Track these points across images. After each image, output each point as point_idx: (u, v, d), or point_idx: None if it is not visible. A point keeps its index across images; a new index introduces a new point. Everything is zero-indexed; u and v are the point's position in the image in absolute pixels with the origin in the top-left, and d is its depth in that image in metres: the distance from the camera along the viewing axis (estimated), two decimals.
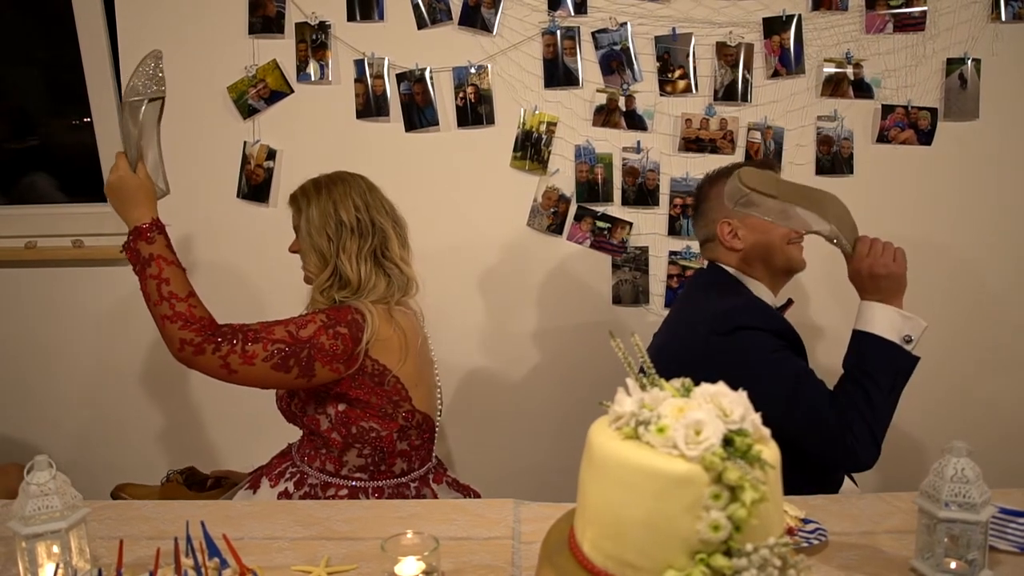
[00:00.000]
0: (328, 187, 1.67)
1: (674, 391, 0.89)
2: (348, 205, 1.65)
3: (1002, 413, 2.39)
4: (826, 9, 2.21)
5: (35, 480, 1.08)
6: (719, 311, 1.65)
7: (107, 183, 1.59)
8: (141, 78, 1.57)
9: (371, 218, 1.66)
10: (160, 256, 1.53)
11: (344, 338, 1.55)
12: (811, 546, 1.20)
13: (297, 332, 1.53)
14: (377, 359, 1.60)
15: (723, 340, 1.59)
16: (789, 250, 1.74)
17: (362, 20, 2.26)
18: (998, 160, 2.28)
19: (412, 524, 1.30)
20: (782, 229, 1.71)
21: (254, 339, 1.51)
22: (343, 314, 1.58)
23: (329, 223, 1.64)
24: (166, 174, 1.64)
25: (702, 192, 1.83)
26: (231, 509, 1.41)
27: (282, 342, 1.52)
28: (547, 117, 2.28)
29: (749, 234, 1.73)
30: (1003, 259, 2.34)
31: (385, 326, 1.61)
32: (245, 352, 1.50)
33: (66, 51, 2.39)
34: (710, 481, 0.80)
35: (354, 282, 1.62)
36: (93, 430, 2.52)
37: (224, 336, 1.51)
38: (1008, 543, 1.21)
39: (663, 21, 2.23)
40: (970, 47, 2.22)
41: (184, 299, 1.52)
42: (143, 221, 1.56)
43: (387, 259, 1.66)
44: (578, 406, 2.27)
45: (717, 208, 1.76)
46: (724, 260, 1.78)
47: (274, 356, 1.51)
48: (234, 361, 1.50)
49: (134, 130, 1.58)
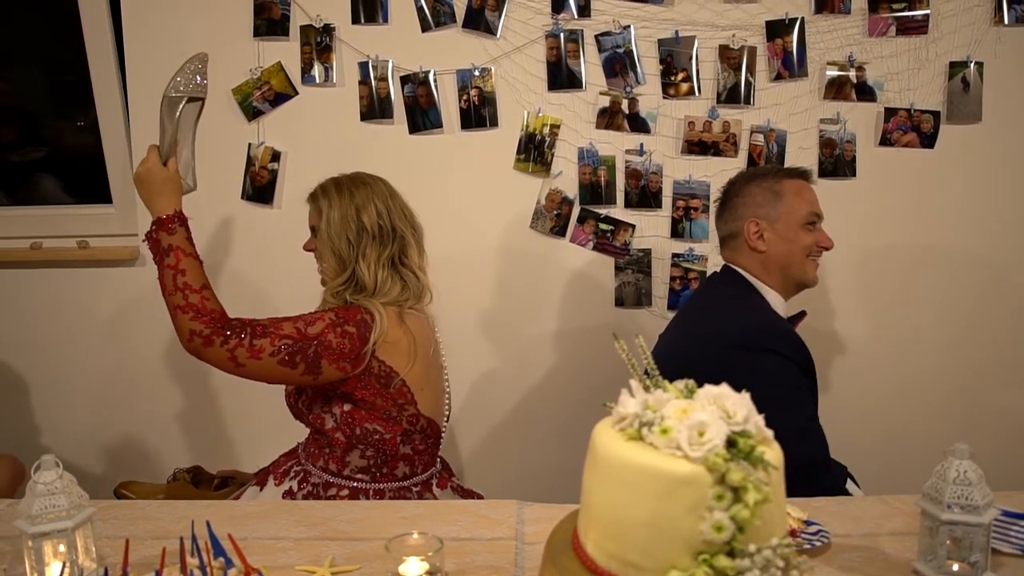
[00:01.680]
0: (351, 189, 1.67)
1: (677, 393, 0.90)
2: (371, 210, 1.64)
3: (1005, 416, 2.39)
4: (829, 12, 2.22)
5: (42, 479, 1.09)
6: (749, 326, 1.67)
7: (135, 173, 1.62)
8: (184, 76, 1.61)
9: (392, 224, 1.66)
10: (179, 247, 1.56)
11: (352, 337, 1.55)
12: (813, 547, 1.21)
13: (305, 329, 1.54)
14: (384, 360, 1.60)
15: (748, 357, 1.61)
16: (807, 263, 1.77)
17: (366, 23, 2.27)
18: (1001, 163, 2.29)
19: (416, 525, 1.30)
20: (805, 240, 1.76)
21: (262, 334, 1.52)
22: (352, 313, 1.58)
23: (351, 227, 1.63)
24: (195, 172, 1.67)
25: (734, 188, 1.84)
26: (235, 509, 1.41)
27: (289, 338, 1.53)
28: (550, 119, 2.29)
29: (774, 238, 1.75)
30: (1005, 262, 2.34)
31: (394, 328, 1.61)
32: (253, 346, 1.51)
33: (72, 52, 2.40)
34: (713, 482, 0.80)
35: (370, 287, 1.62)
36: (98, 430, 2.53)
37: (233, 329, 1.52)
38: (1011, 545, 1.21)
39: (666, 24, 2.24)
40: (973, 50, 2.22)
41: (198, 291, 1.54)
42: (166, 212, 1.58)
43: (405, 266, 1.67)
44: (581, 408, 2.28)
45: (748, 205, 1.79)
46: (742, 263, 1.78)
47: (281, 351, 1.52)
48: (241, 354, 1.51)
49: (169, 125, 1.61)
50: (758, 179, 1.82)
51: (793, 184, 1.79)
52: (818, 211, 1.79)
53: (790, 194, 1.77)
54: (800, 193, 1.78)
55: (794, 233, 1.75)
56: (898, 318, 2.38)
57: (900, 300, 2.37)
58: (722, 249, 1.86)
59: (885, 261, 2.35)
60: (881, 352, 2.39)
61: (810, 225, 1.77)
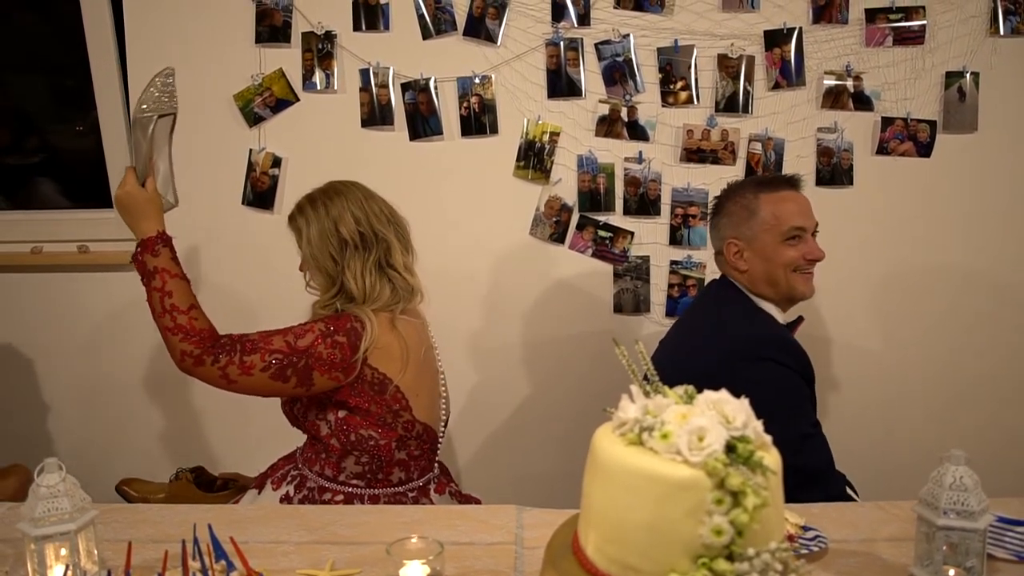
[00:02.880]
0: (325, 203, 1.65)
1: (677, 398, 0.91)
2: (347, 220, 1.63)
3: (1001, 425, 2.40)
4: (827, 22, 2.24)
5: (45, 482, 1.09)
6: (749, 335, 1.67)
7: (115, 197, 1.63)
8: (150, 94, 1.61)
9: (373, 229, 1.64)
10: (164, 269, 1.57)
11: (342, 347, 1.56)
12: (811, 553, 1.22)
13: (295, 342, 1.55)
14: (377, 368, 1.60)
15: (749, 366, 1.61)
16: (792, 278, 1.72)
17: (368, 30, 2.29)
18: (996, 172, 2.30)
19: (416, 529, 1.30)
20: (785, 257, 1.70)
21: (252, 350, 1.53)
22: (342, 322, 1.58)
23: (331, 242, 1.62)
24: (176, 187, 1.67)
25: (719, 204, 1.82)
26: (236, 513, 1.42)
27: (279, 352, 1.53)
28: (550, 127, 2.30)
29: (753, 257, 1.72)
30: (1002, 270, 2.35)
31: (386, 334, 1.61)
32: (243, 363, 1.53)
33: (73, 57, 2.41)
34: (713, 486, 0.81)
35: (359, 296, 1.62)
36: (98, 434, 2.53)
37: (223, 348, 1.53)
38: (1006, 551, 1.22)
39: (665, 33, 2.26)
40: (969, 61, 2.24)
41: (185, 311, 1.55)
42: (149, 234, 1.59)
43: (391, 267, 1.66)
44: (579, 414, 2.28)
45: (728, 225, 1.77)
46: (734, 277, 1.78)
47: (271, 367, 1.53)
48: (232, 372, 1.53)
49: (144, 145, 1.61)
50: (737, 195, 1.76)
51: (771, 197, 1.72)
52: (801, 223, 1.71)
53: (766, 209, 1.71)
54: (779, 205, 1.71)
55: (772, 250, 1.69)
56: (895, 326, 2.39)
57: (897, 308, 2.38)
58: (716, 262, 1.86)
59: (882, 269, 2.36)
60: (879, 359, 2.40)
61: (792, 239, 1.70)
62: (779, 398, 1.59)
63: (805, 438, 1.62)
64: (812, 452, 1.63)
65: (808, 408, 1.68)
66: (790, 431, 1.54)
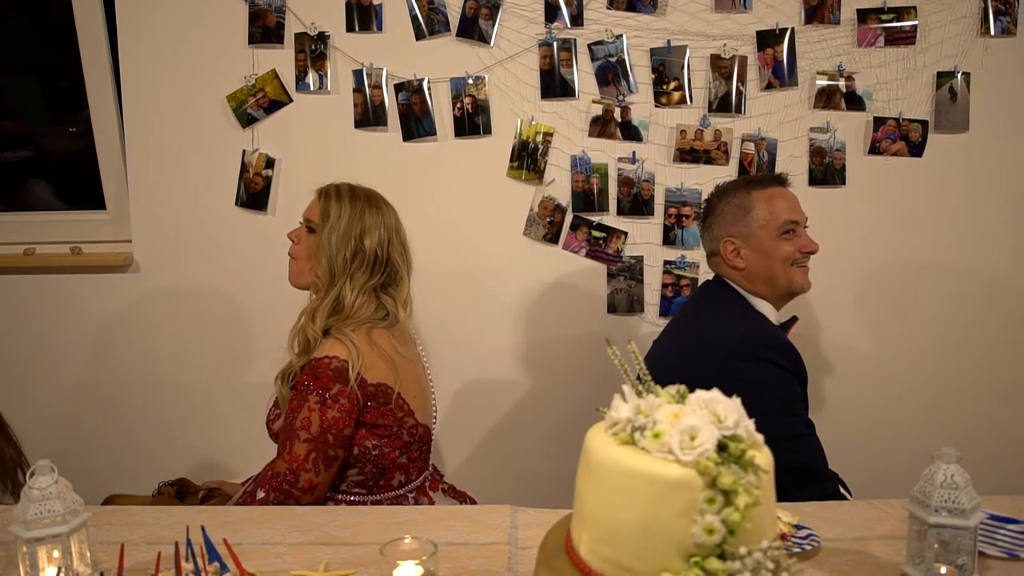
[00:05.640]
0: (364, 207, 1.66)
1: (669, 398, 0.91)
2: (374, 236, 1.64)
3: (993, 423, 2.41)
4: (819, 23, 2.25)
5: (37, 484, 1.09)
6: (743, 335, 1.68)
7: None
8: None
9: (389, 256, 1.66)
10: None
11: (341, 395, 1.55)
12: (803, 551, 1.22)
13: (311, 432, 1.54)
14: (373, 381, 1.59)
15: (742, 366, 1.62)
16: (791, 272, 1.74)
17: (361, 31, 2.29)
18: (988, 172, 2.31)
19: (409, 530, 1.30)
20: (783, 251, 1.73)
21: (294, 479, 1.53)
22: (324, 378, 1.55)
23: (351, 244, 1.63)
24: None
25: (710, 205, 1.84)
26: (230, 514, 1.42)
27: (310, 452, 1.54)
28: (543, 128, 2.31)
29: (751, 254, 1.74)
30: (993, 270, 2.36)
31: (364, 344, 1.59)
32: (302, 488, 1.54)
33: (65, 59, 2.41)
34: (704, 486, 0.81)
35: (347, 310, 1.62)
36: (90, 436, 2.52)
37: (281, 491, 1.54)
38: (997, 549, 1.23)
39: (658, 34, 2.26)
40: (960, 61, 2.25)
41: None
42: None
43: (387, 294, 1.67)
44: (573, 414, 2.28)
45: (721, 225, 1.78)
46: (729, 276, 1.79)
47: (319, 465, 1.54)
48: (305, 498, 1.54)
49: None
50: (728, 195, 1.79)
51: (763, 194, 1.76)
52: (794, 217, 1.75)
53: (760, 206, 1.74)
54: (772, 202, 1.75)
55: (770, 245, 1.73)
56: (887, 325, 2.40)
57: (889, 307, 2.39)
58: (709, 264, 1.87)
59: (874, 268, 2.37)
60: (871, 358, 2.41)
61: (787, 234, 1.74)
62: (773, 398, 1.60)
63: (799, 438, 1.63)
64: (806, 452, 1.64)
65: (801, 408, 1.69)
66: (784, 431, 1.55)
